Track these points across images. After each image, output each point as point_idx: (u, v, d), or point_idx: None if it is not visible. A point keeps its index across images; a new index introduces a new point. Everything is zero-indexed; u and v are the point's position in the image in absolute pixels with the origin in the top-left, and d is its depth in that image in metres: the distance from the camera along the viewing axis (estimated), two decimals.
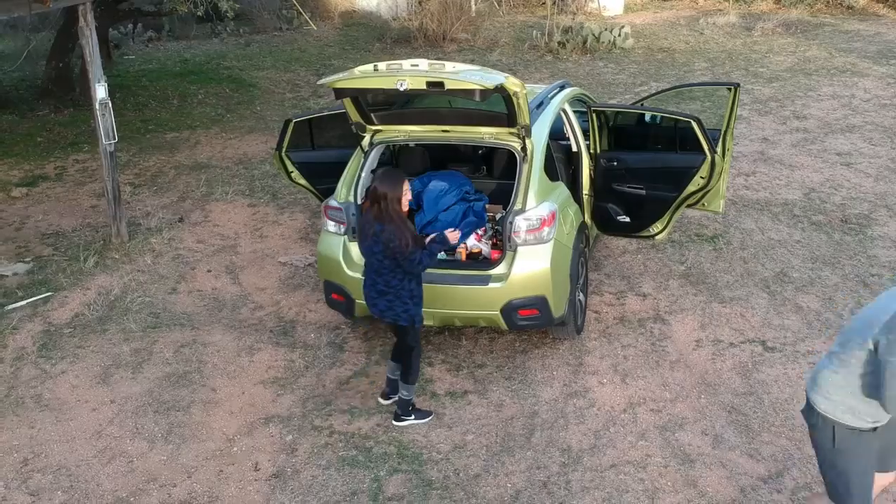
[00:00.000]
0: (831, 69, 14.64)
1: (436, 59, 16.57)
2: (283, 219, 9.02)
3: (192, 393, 5.89)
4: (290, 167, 7.07)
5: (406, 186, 5.02)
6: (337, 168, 6.77)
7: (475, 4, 19.71)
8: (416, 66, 5.22)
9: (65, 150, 11.58)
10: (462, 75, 5.08)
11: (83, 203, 9.68)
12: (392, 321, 5.23)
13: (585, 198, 6.84)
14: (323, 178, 7.05)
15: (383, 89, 5.36)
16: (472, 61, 16.32)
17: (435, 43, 17.73)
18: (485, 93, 5.13)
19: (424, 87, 5.15)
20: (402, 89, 5.14)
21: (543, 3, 22.16)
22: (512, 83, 5.20)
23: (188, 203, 9.55)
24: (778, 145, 10.57)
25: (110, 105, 7.81)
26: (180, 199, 9.71)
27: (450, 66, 5.19)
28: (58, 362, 6.29)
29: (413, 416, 5.45)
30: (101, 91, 7.70)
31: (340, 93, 5.60)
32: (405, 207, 5.03)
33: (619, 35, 16.87)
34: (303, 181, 7.15)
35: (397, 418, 5.46)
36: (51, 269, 7.81)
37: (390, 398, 5.64)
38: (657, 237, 6.87)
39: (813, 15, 19.85)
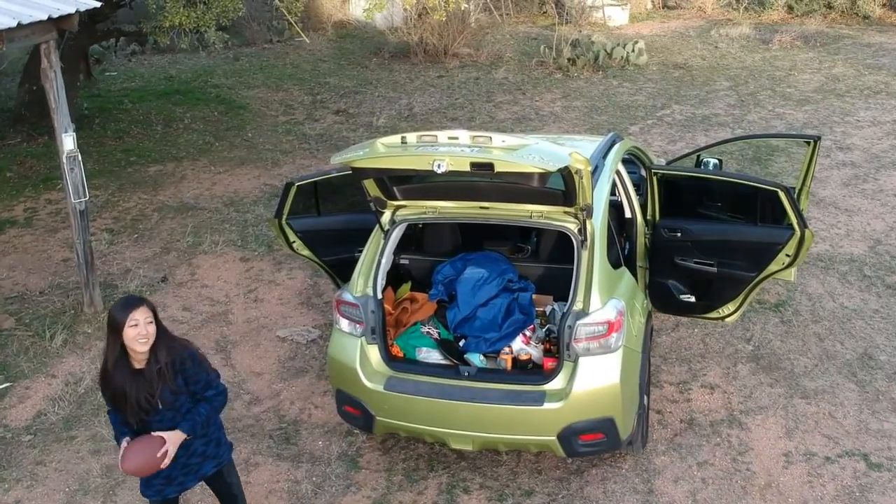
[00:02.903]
0: (864, 89, 13.66)
1: (438, 77, 15.73)
2: (281, 277, 7.94)
3: None
4: (292, 237, 5.99)
5: (132, 315, 3.66)
6: (347, 236, 5.73)
7: (475, 15, 18.63)
8: (456, 139, 4.16)
9: (37, 186, 10.45)
10: (517, 155, 4.01)
11: (54, 255, 8.57)
12: None
13: (639, 270, 5.80)
14: (330, 248, 5.99)
15: (415, 170, 4.30)
16: (476, 79, 15.29)
17: (436, 58, 16.69)
18: (545, 177, 4.08)
19: (468, 168, 4.09)
20: (439, 172, 4.08)
21: (545, 13, 21.16)
22: (577, 160, 4.14)
23: (172, 256, 8.46)
24: (827, 184, 9.56)
25: (80, 158, 6.71)
26: (163, 250, 8.61)
27: (498, 138, 4.13)
28: (12, 487, 5.19)
29: None
30: (68, 142, 6.60)
31: (361, 173, 4.52)
32: (135, 345, 3.69)
33: (633, 51, 15.85)
34: (306, 252, 6.07)
35: None
36: (11, 349, 6.71)
37: None
38: (727, 319, 5.83)
39: (829, 26, 18.91)
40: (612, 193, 5.65)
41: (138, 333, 3.66)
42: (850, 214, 8.71)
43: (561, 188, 4.54)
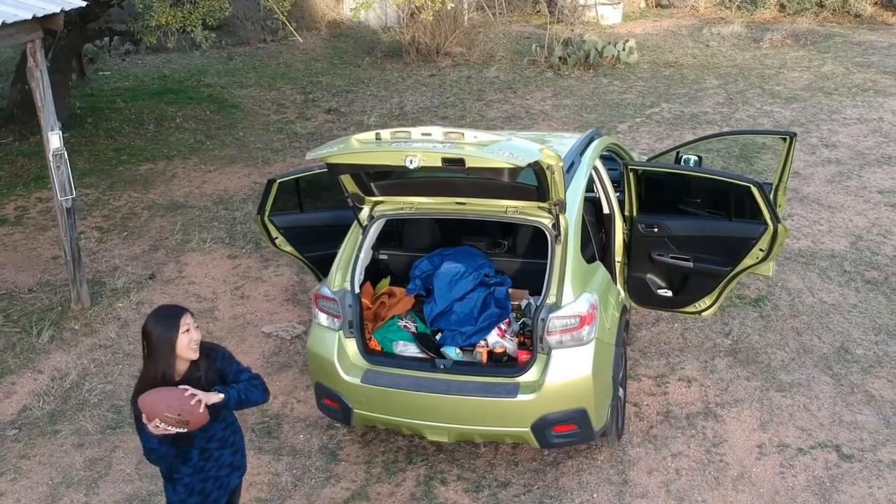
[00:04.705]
0: (852, 87, 13.74)
1: (430, 76, 15.80)
2: (268, 274, 8.01)
3: None
4: (274, 233, 6.06)
5: (184, 321, 3.52)
6: (328, 232, 5.80)
7: (468, 15, 18.71)
8: (429, 135, 4.23)
9: (28, 186, 10.53)
10: (487, 150, 4.09)
11: (44, 253, 8.64)
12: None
13: (618, 266, 5.86)
14: (312, 244, 6.06)
15: (388, 166, 4.37)
16: (468, 78, 15.37)
17: (428, 57, 16.76)
18: (515, 172, 4.15)
19: (440, 164, 4.17)
20: (411, 167, 4.15)
21: (538, 12, 21.24)
22: (547, 156, 4.22)
23: (161, 253, 8.53)
24: (811, 181, 9.63)
25: (66, 156, 6.78)
26: (152, 247, 8.68)
27: (470, 134, 4.20)
28: None
29: None
30: (54, 140, 6.67)
31: (336, 169, 4.60)
32: (188, 353, 3.54)
33: (624, 49, 15.92)
34: (289, 248, 6.15)
35: None
36: None
37: None
38: (704, 313, 5.90)
39: (821, 24, 19.00)
40: (591, 190, 5.72)
41: (191, 339, 3.51)
42: (833, 211, 8.79)
43: (534, 183, 4.61)
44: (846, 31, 18.32)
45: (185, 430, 3.40)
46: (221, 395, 3.51)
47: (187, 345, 3.50)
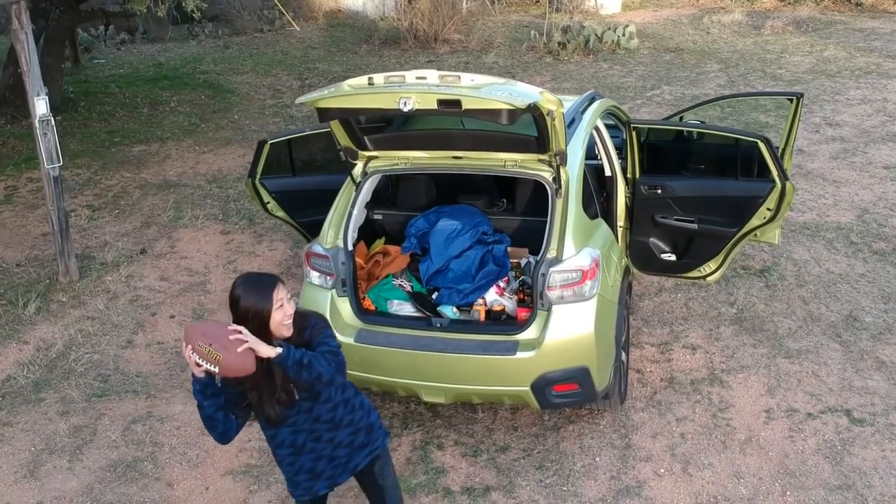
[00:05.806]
0: (855, 70, 13.58)
1: (427, 62, 15.62)
2: (261, 249, 7.83)
3: (143, 490, 4.69)
4: (266, 197, 5.89)
5: (276, 295, 3.10)
6: (322, 197, 5.62)
7: (467, 3, 18.55)
8: (424, 78, 4.06)
9: (18, 166, 10.34)
10: (484, 91, 3.91)
11: (33, 230, 8.46)
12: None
13: (620, 230, 5.70)
14: (305, 209, 5.88)
15: (381, 109, 4.19)
16: (466, 64, 15.19)
17: (426, 44, 16.58)
18: (514, 114, 3.97)
19: (435, 106, 3.99)
20: (405, 109, 3.97)
21: (538, 2, 21.07)
22: (547, 100, 4.04)
23: (153, 230, 8.35)
24: (816, 157, 9.46)
25: (52, 122, 6.60)
26: (144, 224, 8.50)
27: (466, 77, 4.03)
28: None
29: None
30: (41, 106, 6.49)
31: (326, 114, 4.42)
32: (282, 330, 3.14)
33: (624, 35, 15.76)
34: (281, 213, 5.97)
35: None
36: None
37: None
38: (709, 279, 5.73)
39: (822, 12, 18.85)
40: (593, 157, 5.54)
41: (285, 315, 3.11)
42: (839, 186, 8.62)
43: (534, 134, 4.44)
44: (848, 18, 18.18)
45: (217, 370, 2.95)
46: (279, 350, 3.03)
47: (280, 321, 3.09)
